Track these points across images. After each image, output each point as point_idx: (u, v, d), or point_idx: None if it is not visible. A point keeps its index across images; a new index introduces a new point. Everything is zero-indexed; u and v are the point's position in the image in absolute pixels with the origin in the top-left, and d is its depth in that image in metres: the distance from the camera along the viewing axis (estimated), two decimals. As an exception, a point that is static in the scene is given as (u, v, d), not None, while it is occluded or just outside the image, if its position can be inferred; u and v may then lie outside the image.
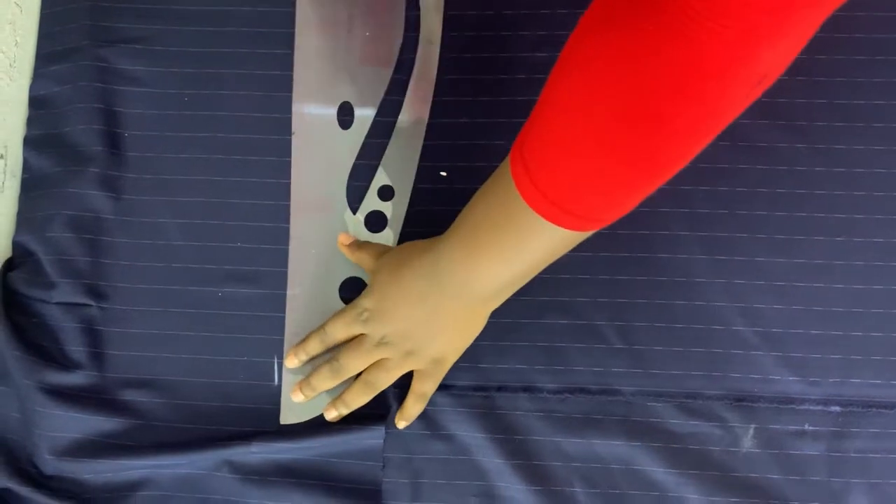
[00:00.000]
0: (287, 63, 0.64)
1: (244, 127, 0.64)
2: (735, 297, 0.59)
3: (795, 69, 0.60)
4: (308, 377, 0.59)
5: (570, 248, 0.50)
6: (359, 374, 0.59)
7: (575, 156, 0.42)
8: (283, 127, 0.63)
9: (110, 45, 0.65)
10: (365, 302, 0.58)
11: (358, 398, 0.59)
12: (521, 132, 0.46)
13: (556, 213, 0.45)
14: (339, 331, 0.58)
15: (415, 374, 0.59)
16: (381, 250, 0.60)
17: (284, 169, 0.63)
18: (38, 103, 0.65)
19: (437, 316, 0.56)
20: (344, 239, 0.61)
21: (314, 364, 0.60)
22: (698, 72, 0.36)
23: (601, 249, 0.60)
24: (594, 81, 0.39)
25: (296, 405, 0.60)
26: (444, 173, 0.62)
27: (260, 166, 0.63)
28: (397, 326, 0.56)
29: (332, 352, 0.59)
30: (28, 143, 0.65)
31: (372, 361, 0.58)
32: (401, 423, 0.59)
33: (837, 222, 0.60)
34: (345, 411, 0.59)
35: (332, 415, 0.59)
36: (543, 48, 0.63)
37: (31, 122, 0.65)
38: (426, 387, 0.58)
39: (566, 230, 0.46)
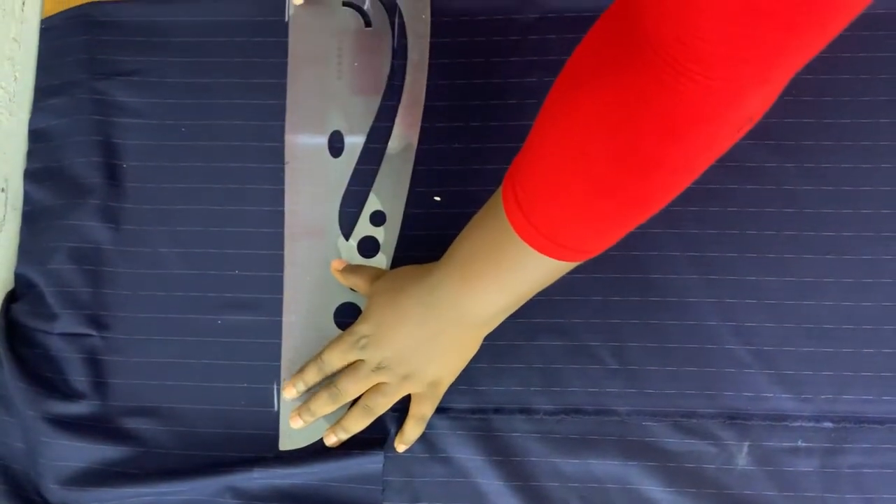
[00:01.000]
0: (281, 92, 0.65)
1: (240, 156, 0.65)
2: (727, 315, 0.60)
3: (784, 89, 0.62)
4: (307, 403, 0.60)
5: (563, 273, 0.52)
6: (356, 399, 0.60)
7: (567, 194, 0.43)
8: (278, 155, 0.64)
9: (107, 77, 0.66)
10: (361, 328, 0.59)
11: (357, 423, 0.59)
12: (512, 164, 0.47)
13: (549, 246, 0.46)
14: (336, 358, 0.59)
15: (412, 397, 0.59)
16: (375, 274, 0.61)
17: (280, 197, 0.64)
18: (37, 136, 0.66)
19: (434, 340, 0.57)
20: (337, 265, 0.62)
21: (312, 390, 0.61)
22: (687, 119, 0.37)
23: (594, 271, 0.61)
24: (586, 126, 0.40)
25: (294, 431, 0.61)
26: (438, 198, 0.63)
27: (256, 194, 0.64)
28: (394, 351, 0.57)
29: (330, 378, 0.60)
30: (28, 176, 0.66)
31: (370, 386, 0.59)
32: (400, 447, 0.60)
33: (826, 240, 0.60)
34: (344, 436, 0.60)
35: (331, 440, 0.60)
36: (533, 73, 0.64)
37: (31, 155, 0.66)
38: (424, 409, 0.59)
39: (559, 262, 0.47)
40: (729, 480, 0.58)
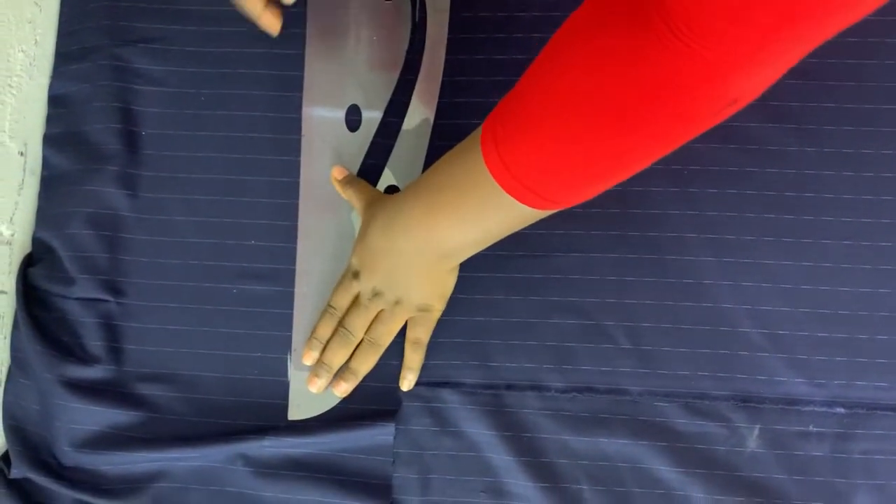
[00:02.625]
0: (300, 64, 0.65)
1: (258, 126, 0.65)
2: (742, 299, 0.60)
3: (806, 73, 0.62)
4: (321, 357, 0.60)
5: (526, 224, 0.52)
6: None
7: (546, 140, 0.44)
8: (296, 126, 0.64)
9: (128, 44, 0.66)
10: (353, 259, 0.60)
11: (364, 361, 0.60)
12: (498, 105, 0.48)
13: (518, 189, 0.46)
14: (340, 296, 0.60)
15: (408, 323, 0.60)
16: (370, 197, 0.61)
17: (296, 168, 0.64)
18: (57, 102, 0.67)
19: (409, 266, 0.57)
20: (337, 174, 0.63)
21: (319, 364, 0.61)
22: (673, 84, 0.38)
23: (610, 251, 0.61)
24: (578, 76, 0.41)
25: (303, 401, 0.61)
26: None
27: (273, 165, 0.64)
28: (382, 276, 0.58)
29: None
30: (47, 141, 0.66)
31: (372, 317, 0.60)
32: (404, 381, 0.60)
33: (845, 226, 0.60)
34: (353, 381, 0.60)
35: (341, 388, 0.60)
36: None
37: (50, 120, 0.66)
38: (418, 333, 0.60)
39: (525, 206, 0.48)
40: (739, 463, 0.59)
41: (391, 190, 0.64)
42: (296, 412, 0.62)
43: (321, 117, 0.65)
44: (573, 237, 0.61)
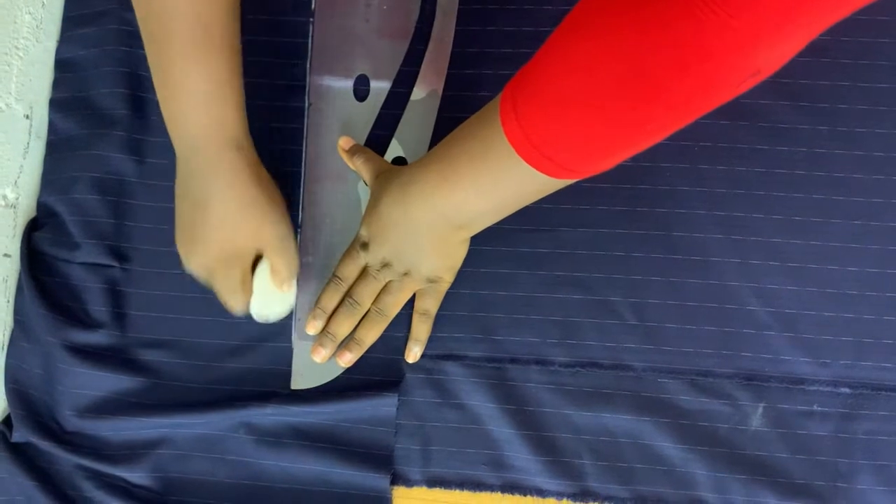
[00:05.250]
0: (305, 31, 0.64)
1: (263, 93, 0.64)
2: (749, 277, 0.60)
3: (820, 51, 0.61)
4: (326, 327, 0.60)
5: (542, 195, 0.51)
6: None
7: (568, 108, 0.43)
8: (300, 95, 0.64)
9: (136, 9, 0.65)
10: (361, 231, 0.59)
11: (370, 332, 0.60)
12: (518, 72, 0.47)
13: (536, 157, 0.46)
14: (347, 267, 0.60)
15: (416, 294, 0.60)
16: (379, 168, 0.60)
17: (301, 135, 0.63)
18: (64, 66, 0.66)
19: (417, 236, 0.57)
20: (344, 143, 0.62)
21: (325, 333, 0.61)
22: (699, 52, 0.37)
23: (617, 226, 0.61)
24: (602, 44, 0.41)
25: (306, 371, 0.61)
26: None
27: (278, 133, 0.64)
28: (392, 247, 0.58)
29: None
30: (54, 105, 0.66)
31: (380, 288, 0.59)
32: (410, 354, 0.60)
33: (855, 206, 0.60)
34: (358, 351, 0.60)
35: (345, 358, 0.60)
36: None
37: (56, 84, 0.66)
38: (427, 304, 0.60)
39: (541, 175, 0.47)
40: (742, 441, 0.58)
41: (399, 161, 0.63)
42: (299, 381, 0.61)
43: (329, 87, 0.64)
44: (580, 212, 0.61)
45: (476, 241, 0.59)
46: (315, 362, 0.60)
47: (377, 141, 0.64)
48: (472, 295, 0.61)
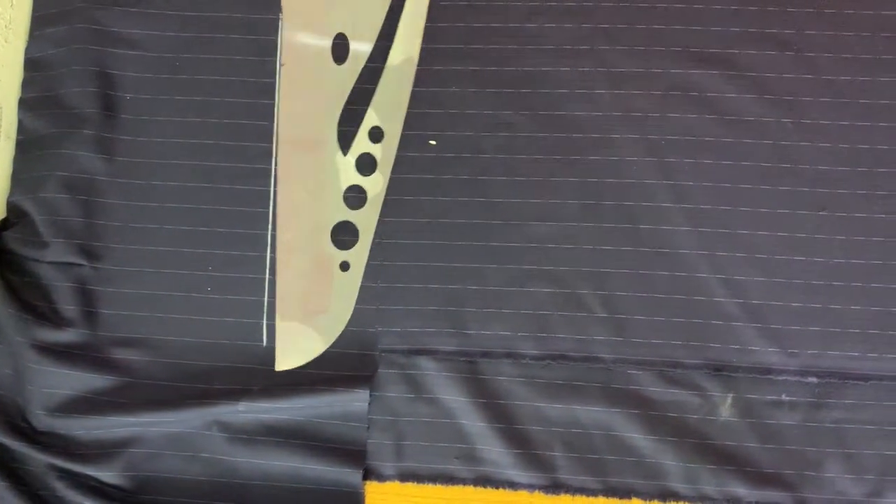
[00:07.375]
0: (276, 29, 0.64)
1: (235, 91, 0.64)
2: (717, 268, 0.60)
3: (784, 44, 0.62)
4: None
5: None
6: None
7: None
8: (270, 91, 0.64)
9: (106, 7, 0.65)
10: None
11: None
12: None
13: None
14: None
15: None
16: None
17: (271, 133, 0.63)
18: (33, 65, 0.66)
19: None
20: None
21: (306, 307, 0.60)
22: None
23: (586, 220, 0.61)
24: None
25: (289, 351, 0.61)
26: (433, 142, 0.63)
27: (248, 130, 0.64)
28: None
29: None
30: (23, 104, 0.66)
31: None
32: None
33: (820, 197, 0.60)
34: None
35: None
36: (534, 19, 0.63)
37: (26, 83, 0.66)
38: None
39: None
40: (711, 431, 0.59)
41: (375, 132, 0.63)
42: (283, 362, 0.61)
43: (304, 45, 0.63)
44: (549, 206, 0.61)
45: (445, 235, 0.59)
46: (298, 342, 0.60)
47: (353, 114, 0.63)
48: (443, 289, 0.61)
